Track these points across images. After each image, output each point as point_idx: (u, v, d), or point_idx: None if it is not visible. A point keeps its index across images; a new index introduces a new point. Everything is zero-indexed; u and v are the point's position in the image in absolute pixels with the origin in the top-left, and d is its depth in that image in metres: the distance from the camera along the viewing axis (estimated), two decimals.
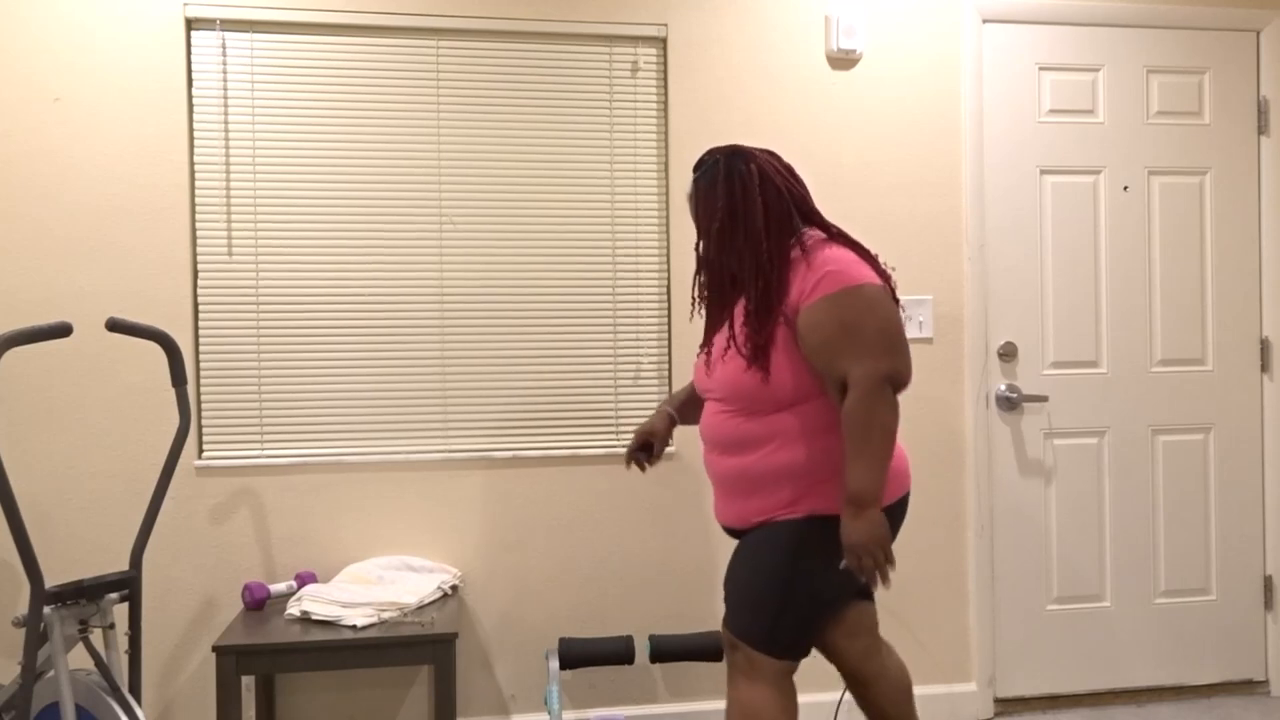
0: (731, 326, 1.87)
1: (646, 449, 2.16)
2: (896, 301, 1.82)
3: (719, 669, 2.78)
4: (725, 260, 1.88)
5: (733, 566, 1.90)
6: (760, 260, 1.82)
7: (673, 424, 2.18)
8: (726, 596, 1.91)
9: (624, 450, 2.73)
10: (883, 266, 1.85)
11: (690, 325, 2.77)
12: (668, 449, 2.75)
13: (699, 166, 1.94)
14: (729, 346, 1.86)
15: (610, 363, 2.76)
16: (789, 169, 1.92)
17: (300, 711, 2.63)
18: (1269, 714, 2.90)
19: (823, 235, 1.86)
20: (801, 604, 1.82)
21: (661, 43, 2.77)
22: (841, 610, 1.99)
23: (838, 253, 1.80)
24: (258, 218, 2.62)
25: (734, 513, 1.90)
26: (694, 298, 1.97)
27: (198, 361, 2.60)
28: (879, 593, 2.84)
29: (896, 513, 1.89)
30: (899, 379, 1.73)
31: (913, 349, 2.86)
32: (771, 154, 1.92)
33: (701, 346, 1.98)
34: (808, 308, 1.76)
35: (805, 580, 1.81)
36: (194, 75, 2.59)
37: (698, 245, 1.93)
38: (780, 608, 1.82)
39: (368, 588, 2.41)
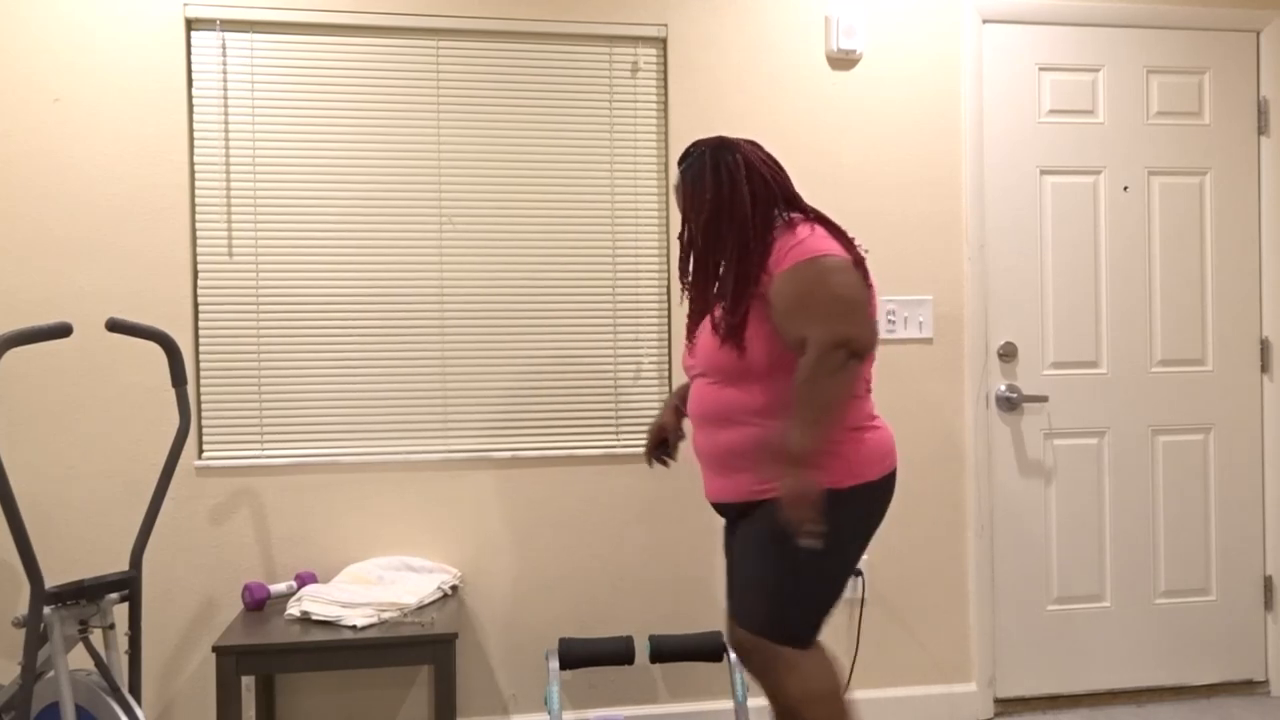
0: (714, 307, 1.91)
1: (664, 445, 2.22)
2: (866, 277, 1.84)
3: (719, 669, 2.78)
4: (713, 250, 1.91)
5: (742, 563, 1.89)
6: (746, 245, 1.86)
7: (680, 416, 2.23)
8: (740, 596, 1.89)
9: (624, 451, 2.73)
10: (856, 248, 1.88)
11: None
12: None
13: (684, 159, 1.97)
14: (711, 325, 1.90)
15: (610, 363, 2.76)
16: (772, 159, 1.95)
17: (300, 711, 2.63)
18: (1269, 714, 2.90)
19: (801, 216, 1.90)
20: (820, 587, 1.83)
21: (661, 43, 2.77)
22: None
23: (810, 229, 1.85)
24: (258, 218, 2.62)
25: (725, 488, 1.92)
26: (683, 285, 2.01)
27: (198, 361, 2.60)
28: (880, 591, 2.85)
29: (879, 491, 1.87)
30: (855, 345, 1.74)
31: (913, 349, 2.86)
32: (755, 144, 1.96)
33: (688, 332, 2.02)
34: (776, 278, 1.81)
35: (818, 562, 1.82)
36: (194, 75, 2.59)
37: (681, 234, 1.99)
38: (801, 598, 1.83)
39: (368, 588, 2.41)
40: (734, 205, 1.88)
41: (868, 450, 1.85)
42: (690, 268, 1.97)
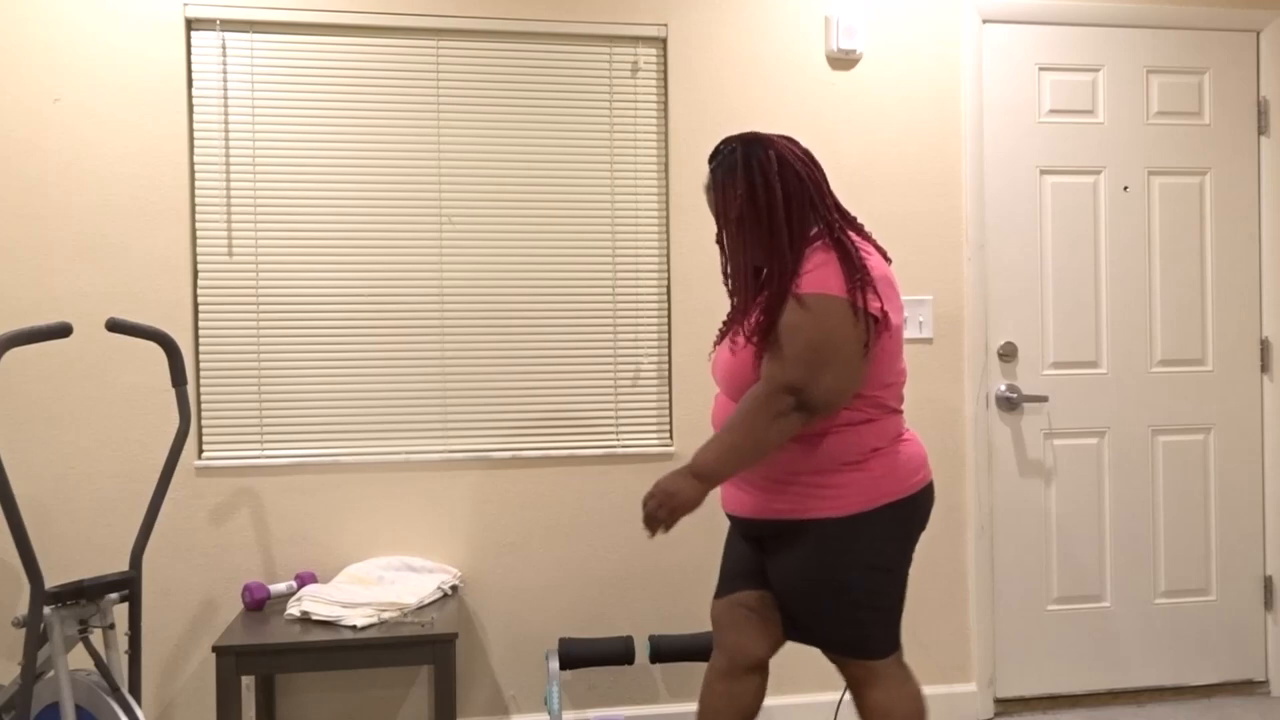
0: (748, 318, 1.82)
1: None
2: (879, 318, 1.73)
3: None
4: (747, 251, 1.83)
5: (795, 594, 1.85)
6: (781, 249, 1.78)
7: None
8: (808, 626, 1.86)
9: (624, 451, 2.73)
10: (864, 279, 1.72)
11: (690, 326, 2.77)
12: (669, 448, 2.75)
13: (715, 156, 1.88)
14: (747, 339, 1.81)
15: (610, 363, 2.76)
16: (807, 154, 1.86)
17: (300, 711, 2.63)
18: (1269, 714, 2.90)
19: (830, 229, 1.80)
20: (881, 598, 1.82)
21: (661, 43, 2.77)
22: None
23: (828, 255, 1.75)
24: (258, 218, 2.62)
25: (743, 502, 1.88)
26: (728, 289, 1.92)
27: (198, 361, 2.60)
28: None
29: (910, 506, 1.84)
30: (804, 396, 1.69)
31: (913, 349, 2.85)
32: (789, 140, 1.86)
33: (719, 338, 1.96)
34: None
35: (870, 575, 1.80)
36: (194, 75, 2.59)
37: (719, 237, 1.89)
38: (864, 612, 1.81)
39: (368, 588, 2.41)
40: (768, 203, 1.78)
41: (899, 468, 1.82)
42: (727, 270, 1.88)
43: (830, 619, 1.83)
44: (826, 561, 1.80)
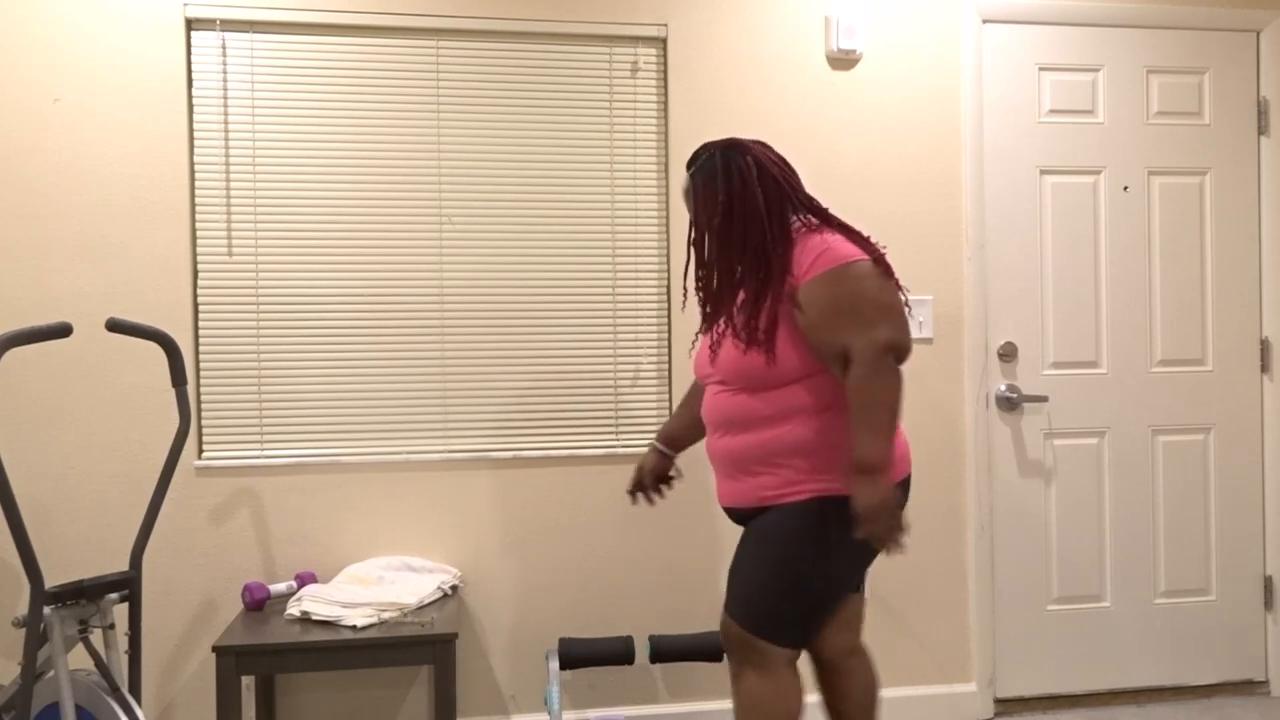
0: (732, 314, 1.89)
1: (642, 484, 2.27)
2: (894, 278, 1.82)
3: (719, 669, 2.78)
4: (728, 253, 1.90)
5: (740, 554, 1.91)
6: (762, 248, 1.85)
7: (664, 459, 2.26)
8: (730, 585, 1.92)
9: (624, 451, 2.73)
10: (875, 246, 1.85)
11: (690, 326, 2.77)
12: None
13: (693, 162, 1.96)
14: (729, 332, 1.88)
15: (610, 363, 2.76)
16: (782, 160, 1.94)
17: (300, 711, 2.63)
18: (1269, 714, 2.90)
19: (816, 221, 1.90)
20: (810, 590, 1.84)
21: (661, 43, 2.77)
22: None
23: (830, 235, 1.84)
24: (258, 218, 2.62)
25: (737, 492, 1.91)
26: (685, 288, 2.07)
27: (198, 361, 2.60)
28: (880, 591, 2.85)
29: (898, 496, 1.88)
30: (900, 348, 1.75)
31: (913, 349, 2.85)
32: (765, 145, 1.94)
33: (699, 335, 2.01)
34: (805, 285, 1.79)
35: (812, 565, 1.82)
36: (194, 75, 2.59)
37: (689, 238, 1.97)
38: (788, 594, 1.83)
39: (368, 588, 2.41)
40: (747, 207, 1.86)
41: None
42: (703, 273, 1.94)
43: (763, 590, 1.84)
44: (794, 538, 1.82)
